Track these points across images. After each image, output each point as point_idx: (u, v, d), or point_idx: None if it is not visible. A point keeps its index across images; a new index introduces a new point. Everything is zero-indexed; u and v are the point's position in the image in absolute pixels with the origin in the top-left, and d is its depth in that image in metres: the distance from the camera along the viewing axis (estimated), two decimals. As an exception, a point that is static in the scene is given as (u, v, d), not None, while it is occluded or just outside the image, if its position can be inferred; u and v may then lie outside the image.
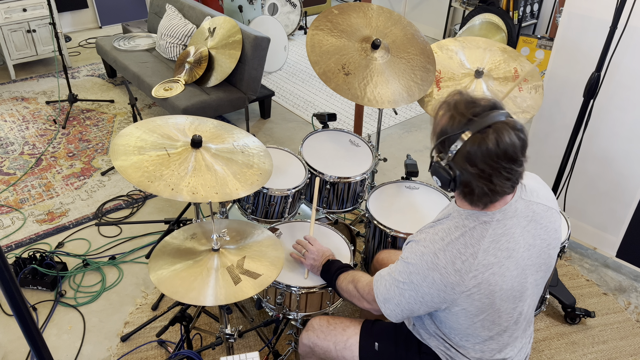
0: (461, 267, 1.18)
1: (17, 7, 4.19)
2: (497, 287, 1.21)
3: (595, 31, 2.31)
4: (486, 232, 1.20)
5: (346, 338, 1.53)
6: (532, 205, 1.26)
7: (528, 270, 1.26)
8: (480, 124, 1.12)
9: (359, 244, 2.57)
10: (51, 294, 2.42)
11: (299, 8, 5.22)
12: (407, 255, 1.27)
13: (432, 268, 1.20)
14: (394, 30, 2.31)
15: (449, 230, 1.22)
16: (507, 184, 1.16)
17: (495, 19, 4.37)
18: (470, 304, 1.21)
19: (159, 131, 1.71)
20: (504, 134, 1.11)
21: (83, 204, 3.00)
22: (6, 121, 3.78)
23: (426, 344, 1.42)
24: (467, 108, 1.15)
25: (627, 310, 2.40)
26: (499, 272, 1.20)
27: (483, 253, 1.19)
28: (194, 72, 3.45)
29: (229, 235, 1.70)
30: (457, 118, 1.15)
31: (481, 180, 1.14)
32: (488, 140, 1.11)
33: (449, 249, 1.20)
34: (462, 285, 1.19)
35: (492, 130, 1.11)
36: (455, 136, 1.15)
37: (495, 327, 1.28)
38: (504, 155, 1.11)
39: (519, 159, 1.14)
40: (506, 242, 1.21)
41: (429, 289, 1.22)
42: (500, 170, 1.12)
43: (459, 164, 1.15)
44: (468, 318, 1.25)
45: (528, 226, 1.24)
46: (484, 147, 1.11)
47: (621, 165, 2.41)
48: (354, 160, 2.27)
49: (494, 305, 1.23)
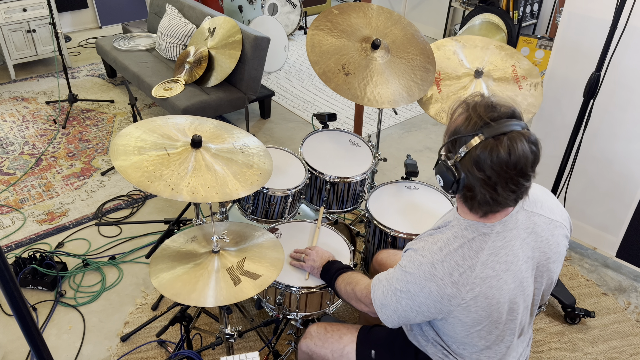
0: (458, 280, 1.17)
1: (17, 7, 4.19)
2: (494, 300, 1.19)
3: (595, 31, 2.31)
4: (485, 245, 1.18)
5: (343, 346, 1.52)
6: (533, 216, 1.23)
7: (526, 282, 1.24)
8: (495, 130, 1.09)
9: (359, 244, 2.57)
10: (51, 294, 2.42)
11: (299, 8, 5.22)
12: (406, 263, 1.25)
13: (429, 279, 1.18)
14: (394, 30, 2.31)
15: (448, 241, 1.20)
16: (511, 197, 1.13)
17: (495, 19, 4.36)
18: (467, 316, 1.20)
19: (159, 131, 1.71)
20: (518, 144, 1.08)
21: (83, 204, 3.00)
22: (6, 121, 3.78)
23: (424, 350, 1.41)
24: (486, 111, 1.12)
25: (627, 310, 2.40)
26: (497, 285, 1.18)
27: (481, 266, 1.17)
28: (194, 72, 3.45)
29: (229, 237, 1.71)
30: (473, 119, 1.12)
31: (485, 187, 1.11)
32: (501, 147, 1.07)
33: (447, 260, 1.18)
34: (459, 298, 1.17)
35: (506, 138, 1.08)
36: (467, 137, 1.12)
37: (492, 338, 1.27)
38: (514, 166, 1.08)
39: (528, 173, 1.10)
40: (505, 255, 1.19)
41: (425, 299, 1.20)
42: (507, 181, 1.09)
43: (466, 166, 1.12)
44: (464, 328, 1.23)
45: (528, 238, 1.22)
46: (495, 154, 1.08)
47: (621, 165, 2.41)
48: (354, 160, 2.27)
49: (491, 317, 1.21)
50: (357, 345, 1.51)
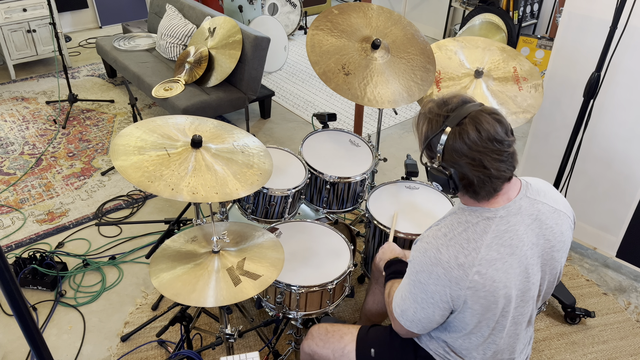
0: (464, 262, 1.19)
1: (17, 7, 4.19)
2: (501, 284, 1.21)
3: (595, 31, 2.31)
4: (489, 228, 1.21)
5: (343, 345, 1.54)
6: (537, 204, 1.26)
7: (531, 269, 1.25)
8: (456, 118, 1.18)
9: (359, 244, 2.57)
10: (51, 294, 2.42)
11: (299, 8, 5.22)
12: (413, 254, 1.29)
13: (435, 263, 1.21)
14: (394, 30, 2.31)
15: (452, 226, 1.24)
16: (502, 166, 1.18)
17: (495, 19, 4.36)
18: (476, 302, 1.22)
19: (159, 131, 1.71)
20: (481, 120, 1.16)
21: (83, 204, 3.00)
22: (6, 121, 3.78)
23: (424, 347, 1.42)
24: (441, 108, 1.22)
25: (627, 310, 2.40)
26: (502, 268, 1.20)
27: (486, 248, 1.20)
28: (194, 72, 3.45)
29: (229, 237, 1.71)
30: (434, 120, 1.22)
31: (475, 168, 1.17)
32: (468, 129, 1.16)
33: (451, 244, 1.21)
34: (466, 280, 1.19)
35: (469, 120, 1.16)
36: (437, 136, 1.20)
37: (498, 327, 1.28)
38: (487, 138, 1.15)
39: (504, 139, 1.17)
40: (509, 238, 1.21)
41: (435, 286, 1.22)
42: (489, 154, 1.16)
43: (449, 160, 1.19)
44: (474, 317, 1.25)
45: (532, 224, 1.25)
46: (466, 137, 1.15)
47: (621, 165, 2.41)
48: (354, 160, 2.27)
49: (498, 304, 1.23)
50: (356, 344, 1.53)
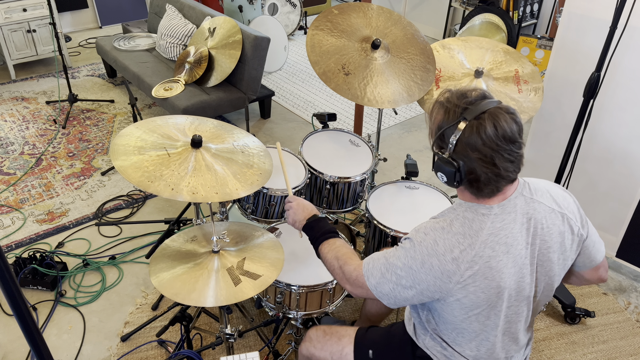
0: (458, 256, 1.19)
1: (17, 7, 4.19)
2: (494, 282, 1.20)
3: (595, 31, 2.31)
4: (484, 225, 1.21)
5: (341, 347, 1.54)
6: (533, 203, 1.26)
7: (526, 269, 1.25)
8: (475, 112, 1.15)
9: (359, 244, 2.57)
10: (51, 294, 2.42)
11: (299, 8, 5.22)
12: (407, 242, 1.27)
13: (431, 254, 1.21)
14: (394, 30, 2.31)
15: (450, 221, 1.23)
16: (510, 167, 1.17)
17: (495, 19, 4.37)
18: (465, 296, 1.21)
19: (159, 131, 1.71)
20: (500, 118, 1.15)
21: (83, 203, 3.00)
22: (6, 121, 3.78)
23: (422, 344, 1.41)
24: (460, 99, 1.19)
25: (627, 310, 2.40)
26: (497, 266, 1.20)
27: (481, 245, 1.19)
28: (194, 72, 3.46)
29: (229, 237, 1.71)
30: (452, 110, 1.19)
31: (485, 165, 1.16)
32: (486, 124, 1.14)
33: (448, 238, 1.21)
34: (458, 275, 1.19)
35: (487, 115, 1.15)
36: (452, 127, 1.18)
37: (490, 323, 1.27)
38: (503, 137, 1.14)
39: (517, 140, 1.16)
40: (505, 236, 1.21)
41: (425, 275, 1.22)
42: (502, 152, 1.15)
43: (461, 153, 1.17)
44: (463, 311, 1.24)
45: (527, 224, 1.24)
46: (483, 132, 1.14)
47: (621, 165, 2.41)
48: (354, 160, 2.27)
49: (489, 301, 1.23)
50: (354, 346, 1.52)
